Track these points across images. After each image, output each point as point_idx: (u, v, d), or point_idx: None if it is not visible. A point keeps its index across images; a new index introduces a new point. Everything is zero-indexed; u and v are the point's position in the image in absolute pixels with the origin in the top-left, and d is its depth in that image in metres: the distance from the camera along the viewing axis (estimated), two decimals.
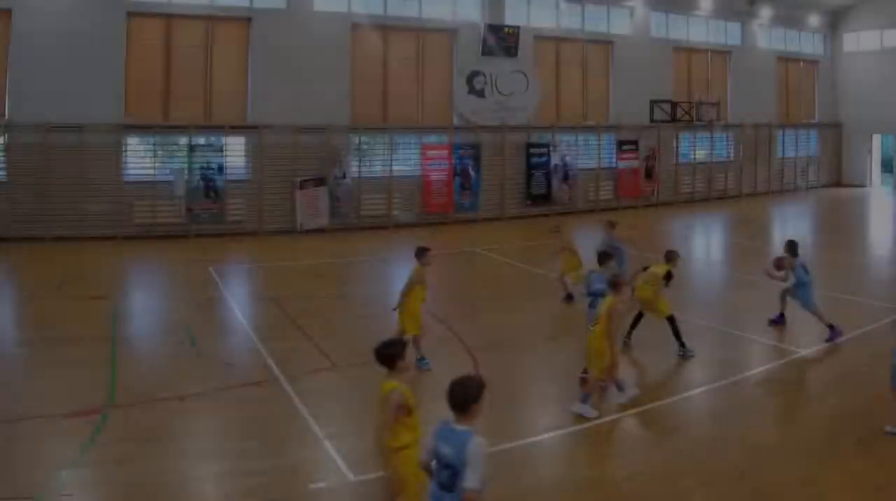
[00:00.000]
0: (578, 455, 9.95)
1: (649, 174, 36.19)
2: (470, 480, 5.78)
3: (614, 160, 35.38)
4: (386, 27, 30.31)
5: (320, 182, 28.22)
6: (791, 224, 33.47)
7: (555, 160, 33.16)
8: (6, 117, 23.94)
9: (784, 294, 15.03)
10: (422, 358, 12.57)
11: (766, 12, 40.35)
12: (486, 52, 31.79)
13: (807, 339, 14.26)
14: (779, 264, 14.60)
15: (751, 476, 8.92)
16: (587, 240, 18.81)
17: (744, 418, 10.87)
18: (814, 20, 43.00)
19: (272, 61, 27.78)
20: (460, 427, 5.98)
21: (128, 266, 22.52)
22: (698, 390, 12.02)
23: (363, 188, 29.29)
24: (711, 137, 39.13)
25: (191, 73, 27.19)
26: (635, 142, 35.59)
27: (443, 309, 16.01)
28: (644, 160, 35.94)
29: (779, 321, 15.16)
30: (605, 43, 35.57)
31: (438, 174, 30.71)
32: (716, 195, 38.93)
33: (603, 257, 13.27)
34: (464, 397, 6.00)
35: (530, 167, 32.72)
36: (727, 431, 10.37)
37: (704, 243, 29.55)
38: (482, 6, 32.04)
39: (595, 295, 12.52)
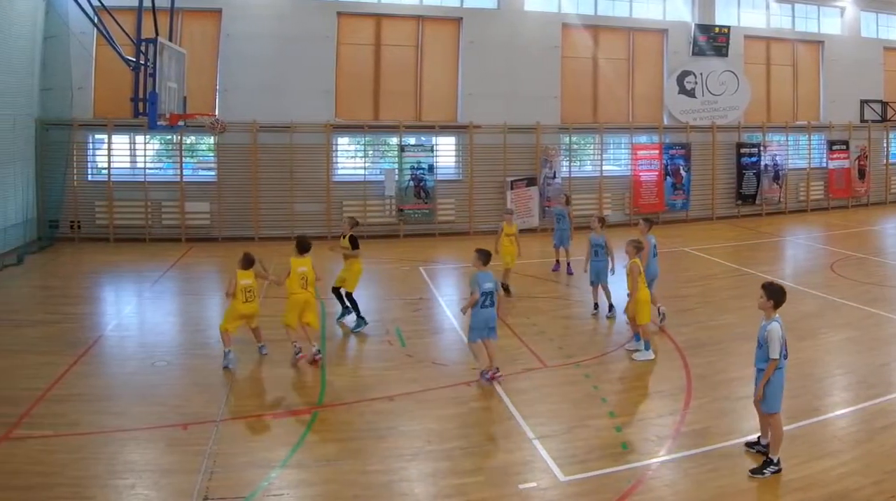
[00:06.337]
0: (786, 456, 6.05)
1: (862, 174, 24.52)
2: None
3: (825, 160, 23.77)
4: (596, 27, 20.56)
5: (531, 182, 19.21)
6: None
7: (765, 160, 22.41)
8: (216, 116, 15.93)
9: None
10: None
11: None
12: (697, 51, 21.36)
13: None
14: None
15: None
16: None
17: None
18: None
19: (482, 60, 18.75)
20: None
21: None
22: None
23: (573, 188, 19.53)
24: None
25: (401, 73, 18.59)
26: (846, 142, 23.75)
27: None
28: (855, 160, 24.35)
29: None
30: (816, 42, 23.64)
31: (649, 174, 20.63)
32: None
33: None
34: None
35: (741, 167, 22.07)
36: None
37: None
38: (693, 6, 21.36)
39: None
